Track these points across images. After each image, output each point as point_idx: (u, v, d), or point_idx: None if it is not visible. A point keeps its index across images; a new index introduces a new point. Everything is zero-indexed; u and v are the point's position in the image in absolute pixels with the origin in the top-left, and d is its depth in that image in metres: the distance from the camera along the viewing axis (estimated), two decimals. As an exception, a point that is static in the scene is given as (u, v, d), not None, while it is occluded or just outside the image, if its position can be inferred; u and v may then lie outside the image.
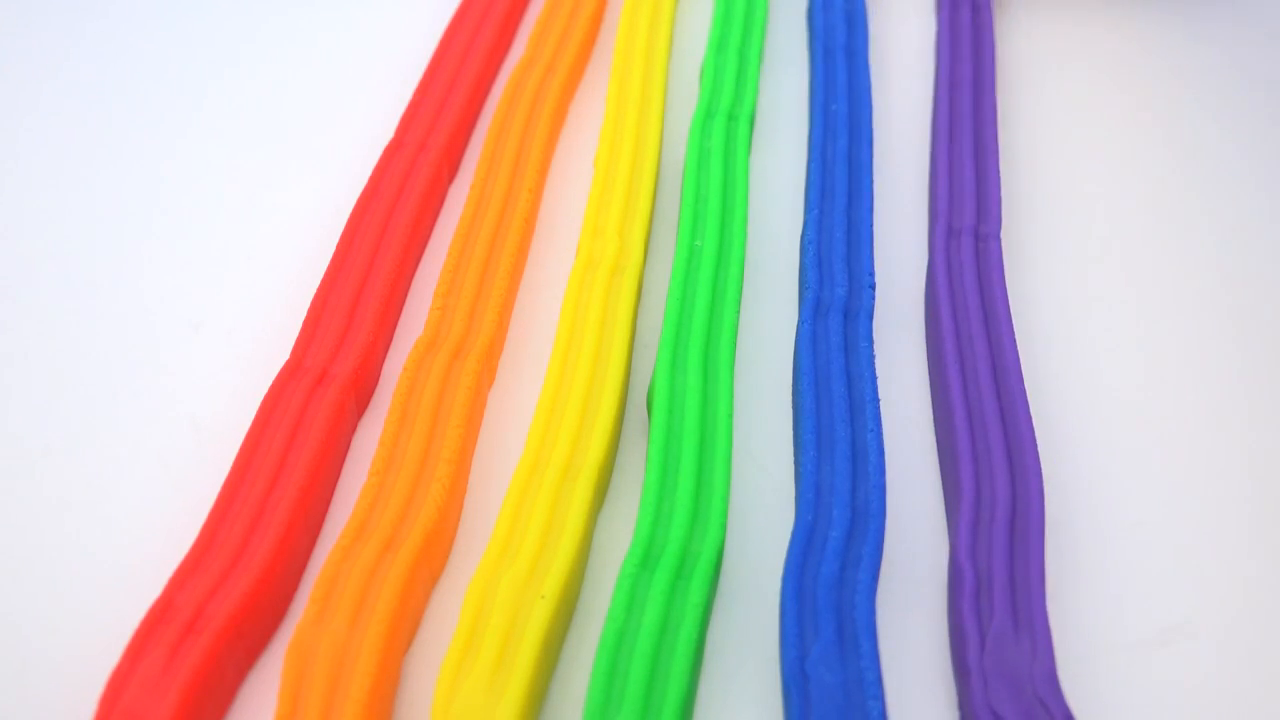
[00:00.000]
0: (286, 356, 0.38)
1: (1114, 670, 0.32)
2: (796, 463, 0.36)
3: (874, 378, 0.37)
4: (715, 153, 0.44)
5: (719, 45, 0.49)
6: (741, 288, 0.40)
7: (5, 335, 0.40)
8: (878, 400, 0.37)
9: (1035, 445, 0.35)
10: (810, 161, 0.44)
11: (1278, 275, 0.43)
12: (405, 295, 0.42)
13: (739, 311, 0.39)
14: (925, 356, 0.40)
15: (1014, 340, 0.38)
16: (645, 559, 0.33)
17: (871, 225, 0.42)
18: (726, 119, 0.46)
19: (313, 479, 0.35)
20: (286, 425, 0.36)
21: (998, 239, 0.42)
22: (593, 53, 0.51)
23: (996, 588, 0.32)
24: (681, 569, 0.32)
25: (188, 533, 0.34)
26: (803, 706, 0.30)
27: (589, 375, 0.37)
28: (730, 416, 0.36)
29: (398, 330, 0.41)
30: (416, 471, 0.35)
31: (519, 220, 0.42)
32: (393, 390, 0.37)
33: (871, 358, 0.38)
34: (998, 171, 0.44)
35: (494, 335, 0.39)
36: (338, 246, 0.41)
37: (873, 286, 0.40)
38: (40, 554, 0.34)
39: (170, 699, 0.29)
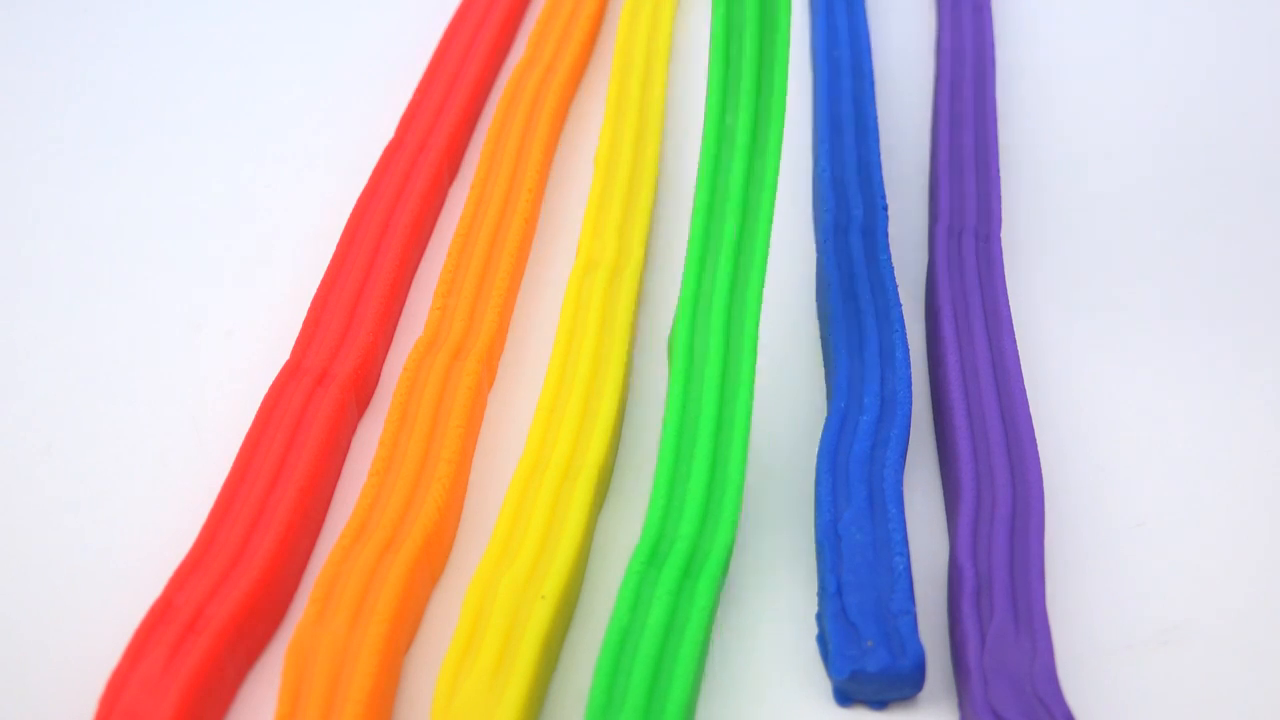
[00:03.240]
0: (286, 356, 0.38)
1: (1114, 670, 0.32)
2: (827, 361, 0.39)
3: (895, 287, 0.39)
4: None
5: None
6: (764, 277, 0.37)
7: (6, 335, 0.40)
8: (900, 305, 0.39)
9: (1035, 445, 0.35)
10: (817, 102, 0.47)
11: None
12: (405, 295, 0.42)
13: (760, 307, 0.37)
14: (925, 356, 0.40)
15: (1014, 340, 0.38)
16: (653, 555, 0.32)
17: (879, 155, 0.44)
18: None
19: (313, 479, 0.35)
20: (286, 425, 0.36)
21: (998, 239, 0.42)
22: (593, 53, 0.51)
23: (996, 588, 0.32)
24: (689, 568, 0.32)
25: (188, 533, 0.34)
26: (835, 561, 0.32)
27: (589, 375, 0.37)
28: (748, 411, 0.35)
29: (398, 330, 0.41)
30: (416, 471, 0.35)
31: (519, 220, 0.42)
32: (393, 390, 0.37)
33: (891, 270, 0.40)
34: (998, 171, 0.44)
35: (494, 335, 0.39)
36: (338, 246, 0.41)
37: (885, 208, 0.42)
38: (40, 554, 0.34)
39: (170, 699, 0.29)
